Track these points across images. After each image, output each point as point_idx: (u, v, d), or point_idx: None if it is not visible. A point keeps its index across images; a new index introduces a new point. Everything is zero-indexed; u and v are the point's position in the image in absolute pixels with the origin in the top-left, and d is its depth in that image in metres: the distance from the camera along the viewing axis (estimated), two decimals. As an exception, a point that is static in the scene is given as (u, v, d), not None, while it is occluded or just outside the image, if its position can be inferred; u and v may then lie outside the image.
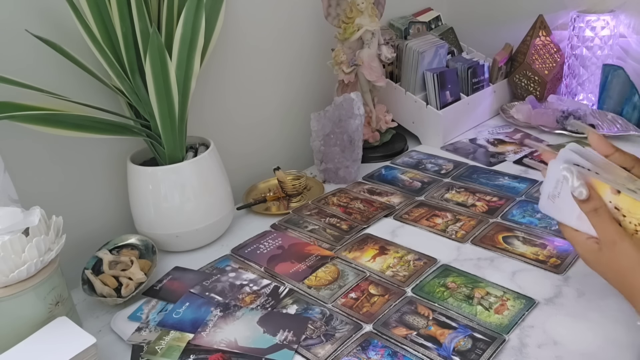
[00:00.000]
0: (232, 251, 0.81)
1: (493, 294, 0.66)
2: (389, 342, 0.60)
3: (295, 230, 0.85)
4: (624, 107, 1.10)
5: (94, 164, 0.81)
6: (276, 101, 1.06)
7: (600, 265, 0.57)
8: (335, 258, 0.77)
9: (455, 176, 0.98)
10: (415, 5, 1.32)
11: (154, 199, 0.77)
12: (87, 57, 0.71)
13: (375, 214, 0.87)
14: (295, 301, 0.68)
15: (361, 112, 0.94)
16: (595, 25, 1.14)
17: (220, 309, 0.67)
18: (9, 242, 0.57)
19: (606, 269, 0.57)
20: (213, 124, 0.95)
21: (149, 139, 0.77)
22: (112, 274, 0.72)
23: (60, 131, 0.69)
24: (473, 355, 0.57)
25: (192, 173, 0.78)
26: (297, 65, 1.08)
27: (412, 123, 1.15)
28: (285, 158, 1.10)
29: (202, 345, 0.61)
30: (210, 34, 0.79)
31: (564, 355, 0.57)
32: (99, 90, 0.77)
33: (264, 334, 0.62)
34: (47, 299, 0.60)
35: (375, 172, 1.03)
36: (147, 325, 0.66)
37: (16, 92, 0.66)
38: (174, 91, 0.72)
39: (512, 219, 0.83)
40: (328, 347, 0.60)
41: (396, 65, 1.16)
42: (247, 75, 0.99)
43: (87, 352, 0.55)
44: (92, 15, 0.70)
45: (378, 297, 0.68)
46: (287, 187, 0.95)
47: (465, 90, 1.17)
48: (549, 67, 1.22)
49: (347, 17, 0.98)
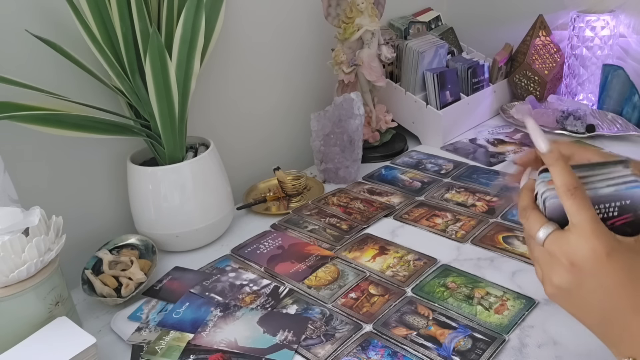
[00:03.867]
0: (232, 251, 0.81)
1: (493, 294, 0.66)
2: (389, 342, 0.60)
3: (295, 230, 0.85)
4: (624, 107, 1.10)
5: (94, 164, 0.81)
6: (276, 101, 1.06)
7: (582, 290, 0.42)
8: (335, 258, 0.77)
9: (455, 176, 0.98)
10: (415, 5, 1.32)
11: (154, 199, 0.77)
12: (87, 57, 0.71)
13: (375, 214, 0.87)
14: (295, 301, 0.68)
15: (361, 112, 0.94)
16: (595, 25, 1.14)
17: (220, 309, 0.67)
18: (9, 242, 0.57)
19: (588, 296, 0.42)
20: (213, 124, 0.95)
21: (149, 139, 0.77)
22: (112, 274, 0.72)
23: (60, 131, 0.69)
24: (473, 355, 0.57)
25: (192, 173, 0.78)
26: (297, 65, 1.08)
27: (412, 123, 1.15)
28: (285, 158, 1.10)
29: (202, 345, 0.61)
30: (210, 34, 0.79)
31: (564, 355, 0.57)
32: (99, 90, 0.77)
33: (264, 334, 0.62)
34: (47, 299, 0.60)
35: (375, 172, 1.03)
36: (147, 325, 0.66)
37: (16, 92, 0.66)
38: (174, 91, 0.72)
39: (512, 218, 0.83)
40: (328, 347, 0.60)
41: (396, 65, 1.16)
42: (247, 75, 0.99)
43: (87, 352, 0.55)
44: (92, 15, 0.70)
45: (378, 297, 0.68)
46: (287, 187, 0.95)
47: (465, 90, 1.17)
48: (549, 67, 1.22)
49: (347, 17, 0.98)
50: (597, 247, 0.40)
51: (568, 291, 0.43)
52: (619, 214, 0.45)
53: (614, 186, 0.45)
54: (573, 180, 0.42)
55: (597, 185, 0.45)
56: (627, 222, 0.45)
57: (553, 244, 0.43)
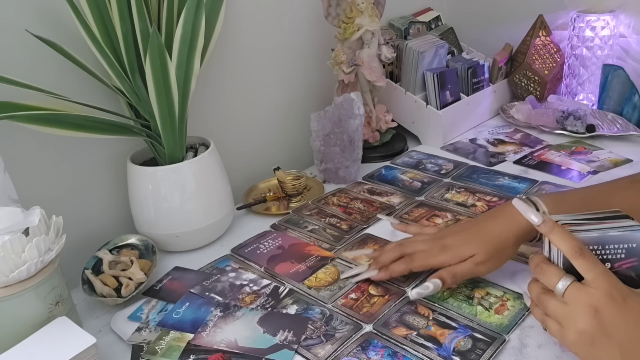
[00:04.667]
0: (232, 251, 0.81)
1: (493, 294, 0.66)
2: (389, 342, 0.60)
3: (295, 230, 0.85)
4: (624, 107, 1.10)
5: (94, 164, 0.81)
6: (276, 101, 1.06)
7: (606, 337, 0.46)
8: (335, 259, 0.77)
9: (455, 176, 0.98)
10: (415, 5, 1.32)
11: (154, 199, 0.77)
12: (87, 57, 0.71)
13: (375, 214, 0.87)
14: (295, 301, 0.68)
15: (361, 112, 0.94)
16: (595, 25, 1.14)
17: (220, 309, 0.67)
18: (9, 242, 0.57)
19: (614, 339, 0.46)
20: (213, 124, 0.95)
21: (149, 139, 0.77)
22: (112, 274, 0.72)
23: (60, 131, 0.69)
24: (473, 356, 0.57)
25: (192, 173, 0.78)
26: (297, 65, 1.08)
27: (412, 123, 1.15)
28: (285, 158, 1.10)
29: (202, 345, 0.61)
30: (210, 34, 0.79)
31: (564, 355, 0.57)
32: (99, 90, 0.77)
33: (264, 334, 0.62)
34: (47, 299, 0.60)
35: (375, 172, 1.03)
36: (147, 325, 0.66)
37: (16, 92, 0.66)
38: (174, 91, 0.72)
39: (512, 219, 0.82)
40: (328, 347, 0.60)
41: (396, 65, 1.16)
42: (247, 75, 0.99)
43: (87, 352, 0.55)
44: (92, 15, 0.70)
45: (378, 298, 0.68)
46: (287, 187, 0.95)
47: (465, 90, 1.17)
48: (549, 67, 1.22)
49: (347, 17, 0.98)
50: (614, 294, 0.46)
51: (592, 335, 0.47)
52: (625, 257, 0.49)
53: (623, 229, 0.49)
54: (576, 242, 0.48)
55: (607, 226, 0.50)
56: (632, 266, 0.50)
57: (573, 294, 0.48)
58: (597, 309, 0.46)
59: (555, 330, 0.50)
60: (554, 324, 0.50)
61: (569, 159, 1.01)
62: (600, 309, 0.46)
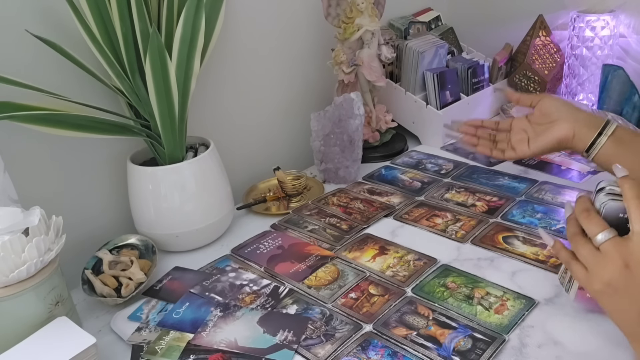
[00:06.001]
0: (232, 251, 0.81)
1: (493, 294, 0.66)
2: (389, 342, 0.60)
3: (295, 230, 0.85)
4: (624, 107, 1.10)
5: (94, 164, 0.81)
6: (276, 101, 1.06)
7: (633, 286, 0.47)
8: (335, 258, 0.77)
9: (455, 176, 0.98)
10: (415, 5, 1.32)
11: (153, 199, 0.77)
12: (87, 57, 0.71)
13: (375, 214, 0.87)
14: (295, 301, 0.68)
15: (361, 112, 0.94)
16: (595, 25, 1.14)
17: (220, 309, 0.67)
18: (9, 242, 0.57)
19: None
20: (213, 124, 0.95)
21: (149, 139, 0.77)
22: (112, 274, 0.72)
23: (60, 131, 0.69)
24: (473, 355, 0.57)
25: (192, 173, 0.78)
26: (297, 65, 1.08)
27: (412, 123, 1.15)
28: (285, 158, 1.10)
29: (202, 345, 0.61)
30: (210, 34, 0.79)
31: (563, 355, 0.57)
32: (99, 90, 0.77)
33: (264, 334, 0.63)
34: (47, 299, 0.60)
35: (375, 172, 1.03)
36: (147, 325, 0.66)
37: (16, 92, 0.66)
38: (174, 91, 0.72)
39: (512, 219, 0.83)
40: (328, 347, 0.60)
41: (396, 65, 1.16)
42: (247, 75, 0.99)
43: (87, 352, 0.55)
44: (92, 15, 0.70)
45: (378, 297, 0.68)
46: (287, 187, 0.95)
47: (465, 90, 1.17)
48: (549, 67, 1.22)
49: (347, 17, 0.98)
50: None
51: (615, 289, 0.48)
52: None
53: None
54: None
55: None
56: None
57: (610, 246, 0.48)
58: (628, 265, 0.47)
59: (581, 274, 0.50)
60: (581, 269, 0.50)
61: (569, 158, 1.01)
62: (632, 266, 0.46)
